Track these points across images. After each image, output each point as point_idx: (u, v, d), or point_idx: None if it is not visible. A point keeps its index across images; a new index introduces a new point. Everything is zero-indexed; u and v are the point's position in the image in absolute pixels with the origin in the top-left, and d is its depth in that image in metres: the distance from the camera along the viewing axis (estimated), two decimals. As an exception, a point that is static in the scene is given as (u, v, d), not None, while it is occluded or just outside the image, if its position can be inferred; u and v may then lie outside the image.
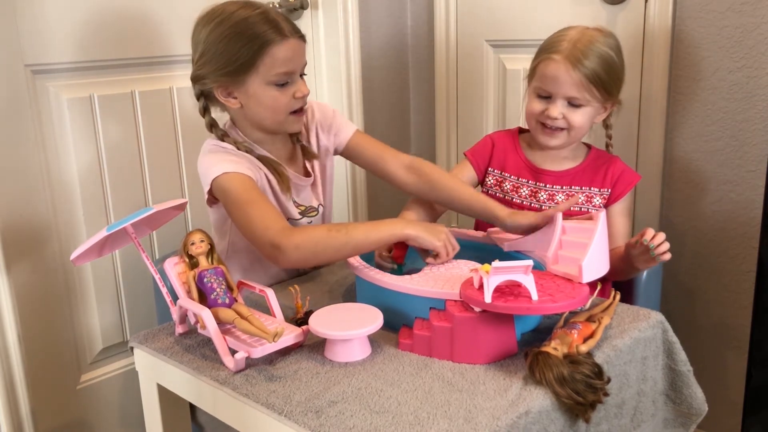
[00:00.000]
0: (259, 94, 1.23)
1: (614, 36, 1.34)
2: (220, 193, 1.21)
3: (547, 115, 1.32)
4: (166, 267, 1.10)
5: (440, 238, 1.14)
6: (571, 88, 1.29)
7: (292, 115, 1.27)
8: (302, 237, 1.11)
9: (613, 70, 1.31)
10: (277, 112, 1.25)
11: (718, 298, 1.62)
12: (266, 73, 1.21)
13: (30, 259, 1.45)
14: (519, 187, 1.42)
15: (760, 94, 1.48)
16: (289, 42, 1.21)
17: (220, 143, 1.27)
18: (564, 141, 1.35)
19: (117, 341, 1.64)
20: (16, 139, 1.39)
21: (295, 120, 1.28)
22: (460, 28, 1.98)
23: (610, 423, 1.01)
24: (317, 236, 1.12)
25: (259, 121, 1.27)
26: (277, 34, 1.19)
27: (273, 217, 1.14)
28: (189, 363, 1.03)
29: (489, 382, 0.93)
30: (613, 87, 1.32)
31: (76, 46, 1.48)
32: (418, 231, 1.13)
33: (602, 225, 1.08)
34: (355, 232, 1.12)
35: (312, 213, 1.37)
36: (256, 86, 1.22)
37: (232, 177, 1.19)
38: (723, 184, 1.57)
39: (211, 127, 1.29)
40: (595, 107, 1.33)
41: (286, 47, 1.21)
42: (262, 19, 1.20)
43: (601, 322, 1.02)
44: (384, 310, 1.03)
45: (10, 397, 1.44)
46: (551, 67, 1.30)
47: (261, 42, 1.19)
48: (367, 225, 1.14)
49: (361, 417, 0.86)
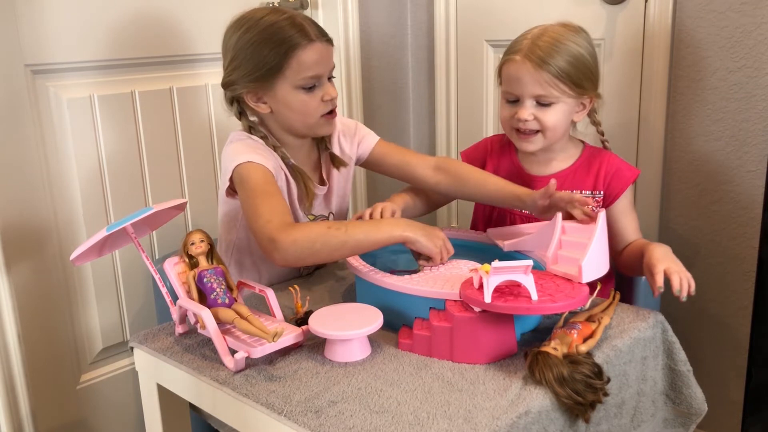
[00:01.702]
0: (287, 99, 1.23)
1: (581, 30, 1.31)
2: (238, 181, 1.21)
3: (517, 118, 1.29)
4: (166, 267, 1.10)
5: (437, 244, 1.14)
6: (535, 86, 1.26)
7: (322, 117, 1.27)
8: (300, 233, 1.09)
9: (580, 63, 1.26)
10: (307, 115, 1.25)
11: (718, 298, 1.62)
12: (294, 77, 1.21)
13: (30, 259, 1.45)
14: None
15: (760, 94, 1.48)
16: (316, 45, 1.21)
17: (248, 134, 1.27)
18: (541, 144, 1.31)
19: (117, 341, 1.64)
20: (16, 139, 1.40)
21: (326, 122, 1.28)
22: (460, 28, 1.98)
23: (609, 423, 1.01)
24: (316, 232, 1.10)
25: (290, 125, 1.27)
26: (303, 38, 1.20)
27: (279, 212, 1.13)
28: (189, 363, 1.03)
29: (489, 382, 0.93)
30: (582, 80, 1.27)
31: (76, 46, 1.48)
32: (417, 235, 1.13)
33: (602, 225, 1.08)
34: (354, 231, 1.11)
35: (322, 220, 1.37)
36: (285, 91, 1.22)
37: (256, 167, 1.19)
38: (723, 184, 1.57)
39: (250, 129, 1.29)
40: (567, 104, 1.28)
41: (313, 51, 1.21)
42: (289, 23, 1.20)
43: (601, 322, 1.02)
44: (384, 310, 1.03)
45: (10, 397, 1.44)
46: (513, 68, 1.28)
47: (288, 46, 1.19)
48: (367, 225, 1.14)
49: (361, 417, 0.86)
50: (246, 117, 1.29)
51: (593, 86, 1.31)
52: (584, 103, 1.32)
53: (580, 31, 1.31)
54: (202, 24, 1.67)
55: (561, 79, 1.25)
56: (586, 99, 1.32)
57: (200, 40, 1.68)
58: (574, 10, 1.70)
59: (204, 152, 1.73)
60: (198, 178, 1.72)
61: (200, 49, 1.68)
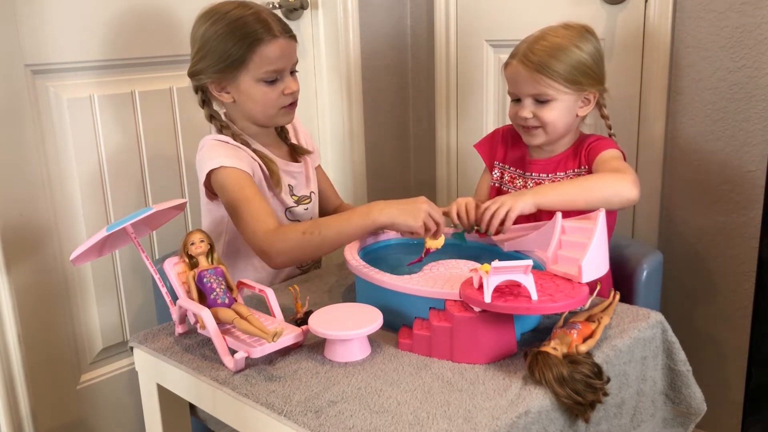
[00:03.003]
0: (249, 90, 1.29)
1: (583, 31, 1.33)
2: (218, 187, 1.26)
3: (519, 117, 1.35)
4: (165, 267, 1.10)
5: (418, 218, 1.12)
6: (529, 86, 1.31)
7: (282, 109, 1.32)
8: (282, 243, 1.16)
9: (575, 61, 1.30)
10: (268, 106, 1.31)
11: (718, 298, 1.62)
12: (256, 71, 1.27)
13: (30, 259, 1.45)
14: (515, 179, 1.44)
15: (760, 94, 1.48)
16: (279, 41, 1.27)
17: (218, 137, 1.31)
18: (545, 138, 1.36)
19: (117, 341, 1.64)
20: (16, 139, 1.40)
21: (285, 113, 1.34)
22: (460, 28, 1.98)
23: (609, 423, 1.01)
24: (293, 240, 1.16)
25: (252, 115, 1.33)
26: (266, 33, 1.25)
27: (261, 218, 1.19)
28: (189, 363, 1.03)
29: (489, 382, 0.93)
30: (580, 77, 1.30)
31: (76, 46, 1.48)
32: (391, 217, 1.13)
33: (602, 225, 1.08)
34: (327, 231, 1.15)
35: (305, 201, 1.41)
36: (247, 83, 1.28)
37: (229, 173, 1.24)
38: (723, 184, 1.57)
39: (211, 117, 1.34)
40: (566, 100, 1.32)
41: (275, 46, 1.26)
42: (254, 18, 1.26)
43: (601, 322, 1.02)
44: (384, 310, 1.03)
45: (10, 397, 1.44)
46: (510, 71, 1.35)
47: (251, 40, 1.25)
48: (338, 220, 1.17)
49: (361, 417, 0.86)
50: (209, 106, 1.34)
51: (594, 82, 1.33)
52: (588, 98, 1.35)
53: (582, 32, 1.33)
54: (202, 24, 1.68)
55: (554, 79, 1.29)
56: (590, 94, 1.34)
57: (200, 40, 1.68)
58: (574, 10, 1.70)
59: (204, 152, 1.73)
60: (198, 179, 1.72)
61: (200, 49, 1.68)
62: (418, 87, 2.16)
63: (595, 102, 1.36)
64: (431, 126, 2.13)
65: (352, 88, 1.99)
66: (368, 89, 2.05)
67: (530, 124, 1.34)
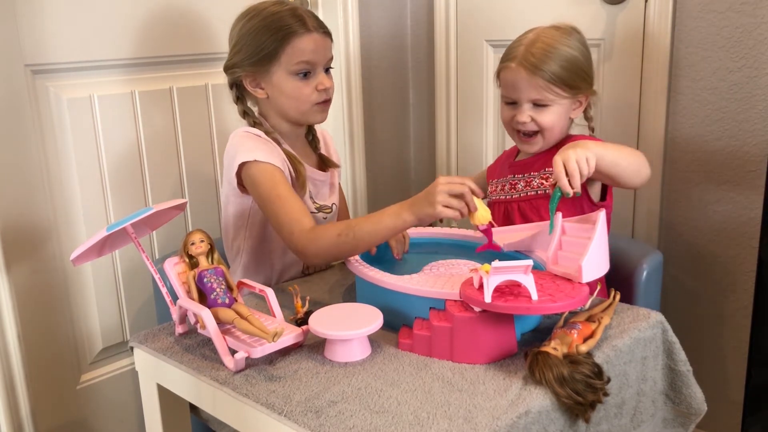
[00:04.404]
0: (282, 84, 1.29)
1: (574, 31, 1.33)
2: (249, 182, 1.26)
3: (516, 121, 1.34)
4: (166, 267, 1.10)
5: (433, 204, 1.06)
6: (530, 91, 1.30)
7: (315, 105, 1.32)
8: (318, 245, 1.17)
9: (573, 66, 1.30)
10: (300, 101, 1.31)
11: (718, 298, 1.62)
12: (288, 63, 1.28)
13: (30, 259, 1.45)
14: (498, 187, 1.44)
15: (760, 94, 1.48)
16: (312, 35, 1.28)
17: (250, 129, 1.32)
18: (541, 144, 1.36)
19: (117, 341, 1.64)
20: (16, 140, 1.40)
21: (319, 110, 1.34)
22: (460, 28, 1.98)
23: (609, 423, 1.01)
24: (329, 243, 1.16)
25: (284, 111, 1.33)
26: (300, 27, 1.27)
27: (298, 217, 1.20)
28: (189, 363, 1.03)
29: (489, 382, 0.93)
30: (577, 82, 1.31)
31: (76, 46, 1.48)
32: (420, 213, 1.09)
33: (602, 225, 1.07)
34: (360, 233, 1.14)
35: (326, 210, 1.40)
36: (280, 76, 1.29)
37: (263, 168, 1.24)
38: (723, 184, 1.57)
39: (245, 113, 1.35)
40: (564, 104, 1.32)
41: (308, 39, 1.28)
42: (290, 14, 1.28)
43: (601, 322, 1.02)
44: (384, 310, 1.03)
45: (10, 397, 1.44)
46: (509, 75, 1.33)
47: (285, 33, 1.27)
48: (370, 223, 1.14)
49: (361, 417, 0.86)
50: (243, 102, 1.35)
51: (588, 85, 1.34)
52: (580, 101, 1.36)
53: (573, 32, 1.34)
54: (202, 24, 1.68)
55: (555, 83, 1.29)
56: (582, 97, 1.35)
57: (200, 40, 1.68)
58: (574, 10, 1.70)
59: (204, 152, 1.73)
60: (198, 178, 1.72)
61: (200, 49, 1.68)
62: (418, 87, 2.16)
63: (585, 104, 1.37)
64: (431, 126, 2.13)
65: (352, 88, 1.99)
66: (368, 89, 2.05)
67: (528, 129, 1.33)
